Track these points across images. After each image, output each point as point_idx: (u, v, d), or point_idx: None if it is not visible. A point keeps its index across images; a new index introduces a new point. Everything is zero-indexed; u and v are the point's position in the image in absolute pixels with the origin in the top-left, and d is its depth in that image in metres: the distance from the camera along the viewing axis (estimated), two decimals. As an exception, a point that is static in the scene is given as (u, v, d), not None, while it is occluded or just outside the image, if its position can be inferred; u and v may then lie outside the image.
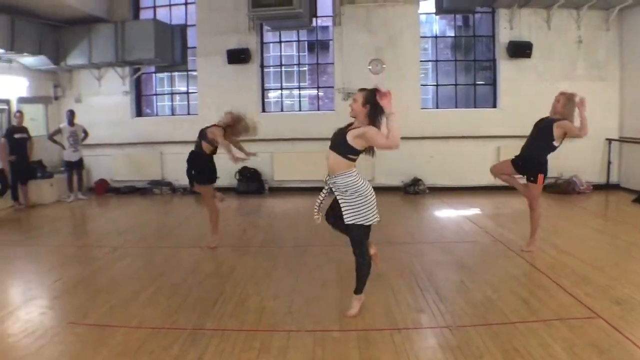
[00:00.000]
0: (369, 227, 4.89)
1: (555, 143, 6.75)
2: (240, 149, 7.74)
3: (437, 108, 13.12)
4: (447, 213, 10.03)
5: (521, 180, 7.27)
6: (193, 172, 7.64)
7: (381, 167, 12.34)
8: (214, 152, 7.61)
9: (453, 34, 14.19)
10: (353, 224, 4.81)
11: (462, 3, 11.69)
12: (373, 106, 4.75)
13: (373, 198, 4.85)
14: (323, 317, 5.01)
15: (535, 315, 4.86)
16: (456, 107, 12.93)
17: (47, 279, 6.56)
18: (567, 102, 6.76)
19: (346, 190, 4.79)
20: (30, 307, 5.57)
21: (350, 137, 4.74)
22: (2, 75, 11.91)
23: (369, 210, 4.80)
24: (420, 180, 12.24)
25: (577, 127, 6.56)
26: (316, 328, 4.75)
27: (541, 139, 6.84)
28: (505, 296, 5.36)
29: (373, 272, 6.16)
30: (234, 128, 7.50)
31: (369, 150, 4.88)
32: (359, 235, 4.89)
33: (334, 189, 4.88)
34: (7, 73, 12.11)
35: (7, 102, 12.22)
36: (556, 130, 6.68)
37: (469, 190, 11.99)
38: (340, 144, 4.80)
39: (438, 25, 14.04)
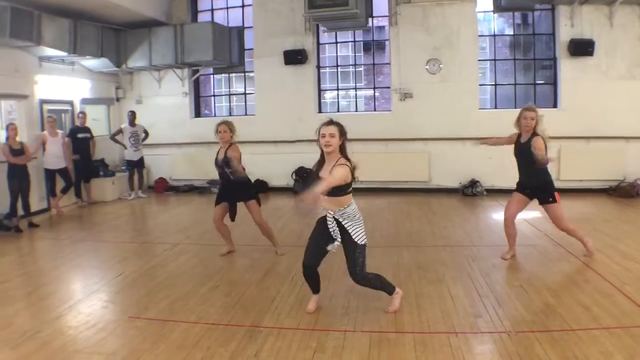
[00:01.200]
0: (366, 246, 5.02)
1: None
2: None
3: (495, 108, 12.89)
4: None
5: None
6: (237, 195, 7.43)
7: (438, 169, 12.28)
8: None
9: (512, 32, 13.93)
10: (363, 244, 4.91)
11: (520, 0, 11.45)
12: (345, 138, 4.93)
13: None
14: (379, 318, 5.01)
15: (596, 322, 4.73)
16: (515, 107, 12.60)
17: (108, 273, 6.81)
18: (538, 119, 6.59)
19: (355, 215, 4.94)
20: (92, 301, 5.80)
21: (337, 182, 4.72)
22: (65, 77, 12.38)
23: (364, 230, 5.02)
24: (477, 181, 12.05)
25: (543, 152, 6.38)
26: (372, 329, 4.76)
27: (532, 162, 6.55)
28: (566, 302, 5.24)
29: (433, 276, 6.16)
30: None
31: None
32: (364, 254, 4.97)
33: (342, 220, 4.90)
34: (71, 75, 12.58)
35: (71, 103, 12.70)
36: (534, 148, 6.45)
37: (528, 192, 11.75)
38: (335, 190, 4.76)
39: (496, 24, 13.78)
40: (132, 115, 13.02)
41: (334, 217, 4.88)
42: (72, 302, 5.78)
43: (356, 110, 13.94)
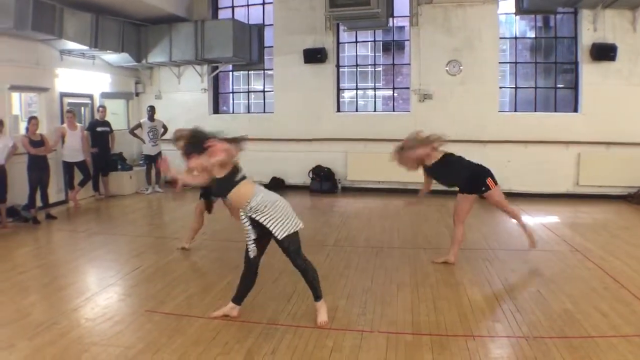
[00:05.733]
0: (297, 233, 4.88)
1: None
2: None
3: (515, 111, 12.78)
4: (523, 220, 9.74)
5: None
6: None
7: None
8: None
9: (533, 35, 13.82)
10: (286, 236, 4.76)
11: (543, 3, 11.37)
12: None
13: (288, 206, 4.89)
14: (397, 319, 5.01)
15: (615, 330, 4.69)
16: (535, 110, 12.56)
17: (125, 267, 6.86)
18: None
19: (265, 206, 4.74)
20: (109, 294, 5.85)
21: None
22: (86, 71, 12.47)
23: (291, 218, 4.82)
24: (495, 185, 11.93)
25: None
26: (389, 330, 4.76)
27: None
28: (584, 309, 5.18)
29: (450, 279, 6.12)
30: None
31: None
32: (294, 244, 4.86)
33: (254, 216, 4.77)
34: (91, 69, 12.68)
35: (91, 97, 12.81)
36: None
37: (546, 197, 11.65)
38: (230, 186, 4.81)
39: (518, 26, 13.66)
40: (151, 110, 13.09)
41: (247, 215, 4.80)
42: (89, 294, 5.83)
43: (375, 111, 13.91)
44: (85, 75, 12.41)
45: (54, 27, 10.24)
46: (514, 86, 12.90)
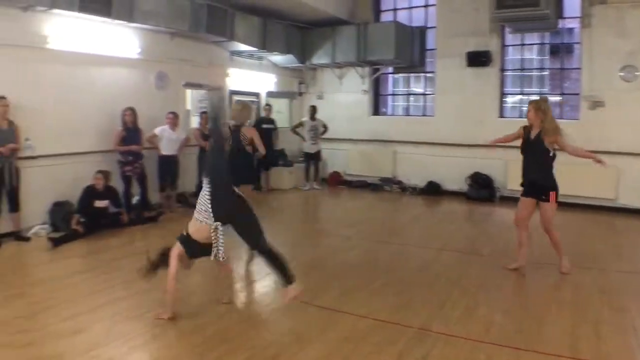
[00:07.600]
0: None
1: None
2: None
3: (699, 122, 11.62)
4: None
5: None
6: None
7: (628, 187, 11.20)
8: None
9: None
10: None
11: None
12: None
13: None
14: (554, 340, 4.75)
15: None
16: None
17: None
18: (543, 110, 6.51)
19: None
20: (267, 282, 6.23)
21: None
22: (254, 71, 13.40)
23: None
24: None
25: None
26: (546, 351, 4.52)
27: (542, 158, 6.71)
28: None
29: (615, 304, 5.65)
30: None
31: None
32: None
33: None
34: (258, 70, 13.62)
35: (258, 95, 13.61)
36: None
37: None
38: None
39: None
40: (313, 109, 13.55)
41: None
42: (249, 281, 6.35)
43: (539, 117, 13.26)
44: (253, 75, 13.25)
45: (226, 30, 10.99)
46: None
